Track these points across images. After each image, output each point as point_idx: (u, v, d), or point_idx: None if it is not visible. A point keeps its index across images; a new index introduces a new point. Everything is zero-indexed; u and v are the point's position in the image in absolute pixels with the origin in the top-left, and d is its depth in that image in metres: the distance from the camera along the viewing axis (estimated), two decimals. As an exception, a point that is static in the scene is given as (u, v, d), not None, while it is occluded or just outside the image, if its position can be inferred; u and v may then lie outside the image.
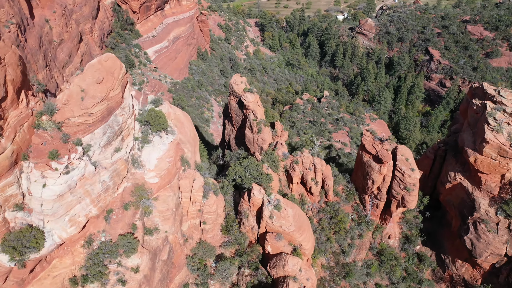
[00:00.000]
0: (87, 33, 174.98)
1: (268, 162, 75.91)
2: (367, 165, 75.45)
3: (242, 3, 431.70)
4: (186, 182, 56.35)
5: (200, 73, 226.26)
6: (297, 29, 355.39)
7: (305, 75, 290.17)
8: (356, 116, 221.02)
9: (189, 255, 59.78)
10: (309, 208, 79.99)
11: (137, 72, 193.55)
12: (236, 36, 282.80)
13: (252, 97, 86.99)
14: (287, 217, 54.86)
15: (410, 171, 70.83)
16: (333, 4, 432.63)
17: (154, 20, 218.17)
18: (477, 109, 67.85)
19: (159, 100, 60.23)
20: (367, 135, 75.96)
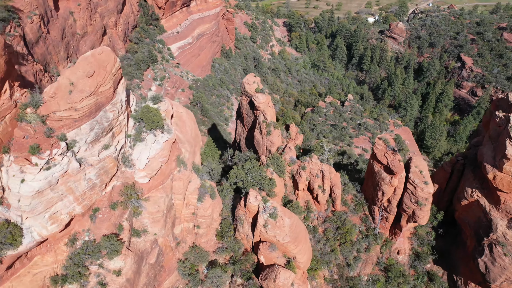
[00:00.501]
0: (111, 27, 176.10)
1: (273, 167, 72.91)
2: (378, 175, 71.32)
3: (271, 3, 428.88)
4: (180, 183, 54.05)
5: (223, 71, 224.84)
6: (326, 30, 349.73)
7: (331, 77, 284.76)
8: (380, 122, 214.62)
9: (181, 259, 57.51)
10: (314, 217, 76.52)
11: (159, 67, 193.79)
12: (262, 35, 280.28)
13: (263, 98, 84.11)
14: (283, 227, 51.77)
15: (423, 185, 66.34)
16: (364, 6, 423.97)
17: (179, 16, 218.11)
18: (499, 122, 62.74)
19: (158, 97, 58.15)
20: (379, 144, 71.79)
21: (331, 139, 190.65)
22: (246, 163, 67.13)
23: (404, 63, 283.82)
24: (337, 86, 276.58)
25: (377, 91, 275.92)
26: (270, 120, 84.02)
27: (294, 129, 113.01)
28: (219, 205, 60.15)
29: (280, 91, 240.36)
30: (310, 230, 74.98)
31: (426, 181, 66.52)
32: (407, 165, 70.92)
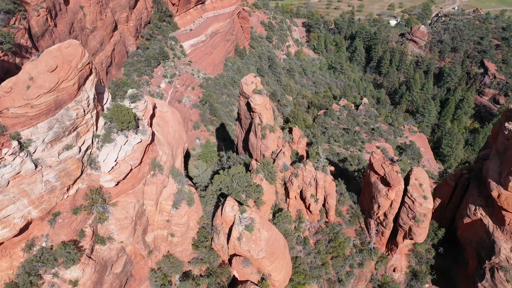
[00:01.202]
0: (122, 22, 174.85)
1: (264, 172, 68.91)
2: (374, 186, 66.46)
3: (291, 2, 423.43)
4: (153, 188, 50.67)
5: (235, 70, 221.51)
6: (345, 32, 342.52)
7: (347, 80, 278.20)
8: (395, 128, 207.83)
9: (154, 269, 54.13)
10: (306, 227, 72.15)
11: (170, 64, 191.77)
12: (278, 35, 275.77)
13: (260, 100, 79.98)
14: (259, 241, 47.76)
15: (422, 199, 61.21)
16: (386, 8, 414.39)
17: (193, 14, 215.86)
18: (508, 135, 57.10)
19: (136, 95, 54.97)
20: (377, 153, 66.85)
21: (342, 143, 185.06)
22: (231, 168, 63.31)
23: (424, 68, 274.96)
24: (353, 89, 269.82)
25: (394, 95, 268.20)
26: (266, 123, 79.91)
27: (297, 132, 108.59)
28: (197, 212, 56.53)
29: (293, 92, 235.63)
30: (300, 241, 70.70)
31: (426, 196, 61.35)
32: (407, 177, 65.84)
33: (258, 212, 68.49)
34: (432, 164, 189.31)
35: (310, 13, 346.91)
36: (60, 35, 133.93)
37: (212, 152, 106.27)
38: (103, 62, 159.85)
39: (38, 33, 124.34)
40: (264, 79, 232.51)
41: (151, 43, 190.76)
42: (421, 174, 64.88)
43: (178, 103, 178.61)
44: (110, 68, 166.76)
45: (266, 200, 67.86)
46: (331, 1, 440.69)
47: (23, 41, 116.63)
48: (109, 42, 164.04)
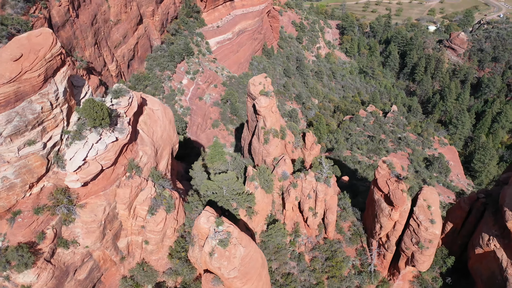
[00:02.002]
0: (148, 16, 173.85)
1: (259, 180, 64.31)
2: (377, 204, 60.51)
3: (327, 4, 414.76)
4: (126, 191, 47.11)
5: (261, 70, 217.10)
6: (380, 36, 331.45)
7: (378, 85, 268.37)
8: (424, 138, 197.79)
9: (126, 276, 50.64)
10: (302, 242, 66.92)
11: (194, 61, 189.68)
12: (309, 36, 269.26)
13: (266, 102, 75.39)
14: (232, 258, 43.27)
15: (429, 223, 54.86)
16: (426, 13, 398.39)
17: (221, 11, 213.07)
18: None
19: (121, 91, 51.49)
20: (383, 168, 60.78)
21: (365, 151, 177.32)
22: (220, 174, 59.01)
23: (461, 77, 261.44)
24: (384, 95, 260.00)
25: (427, 104, 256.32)
26: (269, 127, 75.29)
27: (311, 138, 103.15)
28: (177, 219, 52.60)
29: (319, 95, 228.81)
30: (295, 256, 65.62)
31: (433, 220, 54.93)
32: (415, 196, 59.52)
33: (250, 223, 64.01)
34: (461, 179, 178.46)
35: (345, 15, 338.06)
36: (81, 26, 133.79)
37: (220, 153, 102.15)
38: (125, 55, 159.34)
39: (59, 23, 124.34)
40: (290, 80, 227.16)
41: (177, 38, 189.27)
42: (431, 195, 58.39)
43: (199, 100, 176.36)
44: (132, 61, 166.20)
45: (259, 210, 63.23)
46: (369, 3, 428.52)
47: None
48: (133, 36, 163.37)
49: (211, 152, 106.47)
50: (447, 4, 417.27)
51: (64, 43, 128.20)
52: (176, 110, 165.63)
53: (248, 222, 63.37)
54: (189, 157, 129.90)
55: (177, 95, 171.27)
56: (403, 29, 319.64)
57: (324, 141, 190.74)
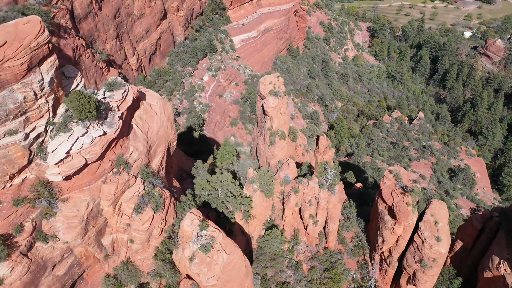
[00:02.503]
0: (172, 12, 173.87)
1: (259, 183, 61.77)
2: (381, 217, 56.85)
3: (359, 5, 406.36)
4: (111, 187, 45.55)
5: (284, 70, 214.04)
6: (412, 40, 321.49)
7: (406, 91, 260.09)
8: (450, 148, 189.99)
9: (109, 275, 49.19)
10: (301, 251, 63.93)
11: (217, 58, 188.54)
12: (337, 37, 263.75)
13: (274, 102, 72.66)
14: (214, 265, 40.93)
15: (434, 240, 50.93)
16: (462, 18, 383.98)
17: (248, 8, 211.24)
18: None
19: (116, 83, 50.01)
20: (388, 178, 57.02)
21: (386, 158, 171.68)
22: (216, 175, 56.81)
23: (495, 86, 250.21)
24: (411, 101, 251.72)
25: (457, 112, 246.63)
26: (276, 129, 72.59)
27: (324, 142, 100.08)
28: (166, 219, 50.70)
29: (344, 98, 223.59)
30: (292, 265, 62.74)
31: (439, 237, 50.93)
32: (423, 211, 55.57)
33: (246, 227, 61.59)
34: (487, 193, 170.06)
35: (376, 18, 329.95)
36: (103, 18, 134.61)
37: (230, 153, 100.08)
38: (147, 50, 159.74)
39: (81, 15, 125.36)
40: (314, 81, 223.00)
41: (200, 34, 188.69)
42: (440, 210, 54.27)
43: (218, 97, 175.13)
44: (154, 56, 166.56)
45: (256, 214, 60.68)
46: (402, 6, 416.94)
47: (63, 21, 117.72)
48: (156, 30, 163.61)
49: (221, 151, 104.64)
50: (485, 10, 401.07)
51: (86, 35, 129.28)
52: (194, 106, 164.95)
53: (244, 226, 60.95)
54: (202, 154, 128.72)
55: (196, 92, 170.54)
56: (437, 34, 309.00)
57: (344, 146, 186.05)
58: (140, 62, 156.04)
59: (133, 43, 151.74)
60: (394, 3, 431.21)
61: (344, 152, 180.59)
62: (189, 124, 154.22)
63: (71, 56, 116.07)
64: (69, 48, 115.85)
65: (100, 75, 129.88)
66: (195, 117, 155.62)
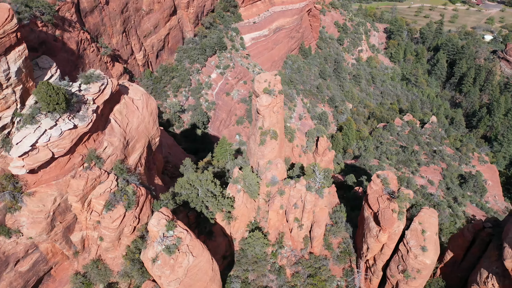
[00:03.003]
0: (182, 8, 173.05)
1: (243, 183, 59.94)
2: (366, 223, 54.32)
3: (377, 6, 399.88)
4: (80, 183, 44.28)
5: (295, 69, 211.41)
6: (430, 42, 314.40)
7: (420, 94, 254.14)
8: (462, 154, 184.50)
9: (79, 272, 48.03)
10: (285, 255, 61.79)
11: (226, 55, 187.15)
12: (351, 38, 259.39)
13: (267, 101, 70.49)
14: (177, 268, 39.24)
15: (419, 250, 48.22)
16: (484, 21, 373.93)
17: (260, 6, 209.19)
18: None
19: (93, 76, 48.74)
20: (376, 183, 54.40)
21: (394, 162, 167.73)
22: (195, 173, 55.12)
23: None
24: (425, 104, 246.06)
25: (472, 117, 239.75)
26: (267, 128, 70.44)
27: (324, 143, 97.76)
28: (138, 218, 49.20)
29: (354, 100, 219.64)
30: (275, 269, 60.69)
31: (425, 247, 48.16)
32: (410, 218, 52.84)
33: (228, 228, 59.82)
34: (498, 201, 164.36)
35: (394, 19, 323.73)
36: (110, 13, 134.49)
37: (227, 151, 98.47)
38: (154, 45, 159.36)
39: (87, 9, 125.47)
40: (325, 82, 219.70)
41: (211, 32, 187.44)
42: (429, 219, 51.45)
43: (226, 95, 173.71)
44: (162, 52, 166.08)
45: (239, 215, 58.83)
46: (422, 8, 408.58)
47: (68, 14, 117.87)
48: (164, 26, 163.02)
49: (217, 149, 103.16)
50: (508, 13, 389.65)
51: (91, 29, 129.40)
52: (200, 103, 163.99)
53: (226, 227, 59.17)
54: (203, 152, 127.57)
55: (203, 89, 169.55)
56: (455, 37, 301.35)
57: (352, 148, 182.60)
58: (146, 58, 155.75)
59: (140, 38, 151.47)
60: (413, 5, 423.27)
61: (352, 155, 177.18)
62: (194, 121, 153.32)
63: (75, 49, 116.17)
64: (73, 41, 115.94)
65: (105, 70, 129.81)
66: (199, 114, 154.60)
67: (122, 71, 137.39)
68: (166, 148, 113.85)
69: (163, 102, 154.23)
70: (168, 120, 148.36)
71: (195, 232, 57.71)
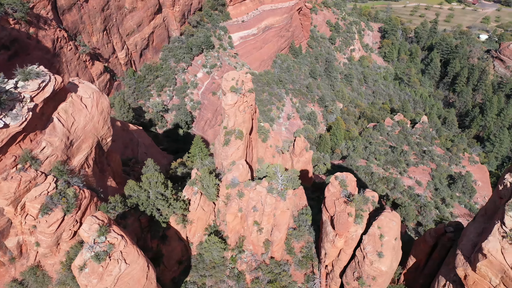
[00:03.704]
0: (168, 6, 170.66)
1: (200, 185, 57.51)
2: (324, 227, 51.82)
3: (372, 5, 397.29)
4: (12, 185, 41.83)
5: (284, 69, 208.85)
6: (424, 42, 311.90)
7: (413, 94, 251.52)
8: (452, 154, 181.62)
9: (16, 279, 45.55)
10: (245, 260, 59.28)
11: (213, 55, 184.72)
12: (343, 37, 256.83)
13: (233, 99, 68.01)
14: (106, 276, 36.81)
15: (375, 256, 45.68)
16: (480, 21, 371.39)
17: (249, 5, 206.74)
18: (503, 191, 39.57)
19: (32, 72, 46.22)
20: (334, 185, 51.82)
21: (382, 162, 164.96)
22: (145, 175, 52.61)
23: (506, 91, 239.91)
24: (418, 104, 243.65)
25: (465, 117, 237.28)
26: (232, 128, 68.04)
27: (301, 143, 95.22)
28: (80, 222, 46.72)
29: (345, 99, 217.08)
30: (234, 275, 58.18)
31: (381, 253, 45.61)
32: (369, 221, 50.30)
33: (183, 232, 57.35)
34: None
35: (388, 18, 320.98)
36: (90, 10, 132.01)
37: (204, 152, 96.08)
38: (138, 44, 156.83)
39: (64, 6, 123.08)
40: (316, 81, 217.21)
41: (198, 30, 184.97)
42: (389, 223, 48.84)
43: (212, 95, 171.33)
44: (146, 50, 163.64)
45: (195, 218, 56.39)
46: (418, 8, 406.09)
47: (44, 12, 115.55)
48: (148, 25, 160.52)
49: (192, 149, 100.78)
50: (505, 13, 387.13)
51: (69, 27, 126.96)
52: (185, 103, 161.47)
53: (181, 231, 56.68)
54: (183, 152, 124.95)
55: (189, 88, 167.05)
56: (450, 36, 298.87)
57: (340, 148, 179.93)
58: (129, 57, 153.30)
59: (123, 37, 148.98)
60: (409, 4, 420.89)
61: (340, 155, 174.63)
62: (177, 121, 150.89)
63: (50, 47, 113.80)
64: (48, 39, 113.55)
65: (83, 68, 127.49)
66: (183, 114, 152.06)
67: (103, 70, 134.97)
68: (143, 148, 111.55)
69: (146, 102, 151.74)
70: (151, 119, 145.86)
71: (147, 237, 55.42)
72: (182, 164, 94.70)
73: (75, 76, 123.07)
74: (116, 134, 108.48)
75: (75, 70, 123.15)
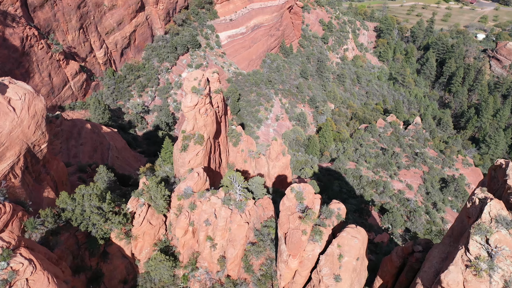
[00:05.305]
0: (151, 4, 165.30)
1: (148, 196, 51.96)
2: (279, 244, 46.21)
3: (369, 4, 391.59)
4: None
5: (274, 69, 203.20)
6: (420, 41, 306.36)
7: (407, 94, 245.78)
8: (445, 156, 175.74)
9: None
10: (198, 278, 53.72)
11: (200, 54, 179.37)
12: (336, 36, 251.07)
13: (192, 101, 62.56)
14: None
15: (332, 280, 40.15)
16: (477, 20, 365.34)
17: (237, 3, 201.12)
18: (471, 209, 33.99)
19: None
20: (289, 198, 46.08)
21: (372, 165, 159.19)
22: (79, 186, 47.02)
23: (503, 91, 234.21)
24: (413, 105, 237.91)
25: (460, 118, 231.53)
26: (191, 132, 62.63)
27: (277, 147, 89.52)
28: None
29: (337, 100, 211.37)
30: (186, 295, 52.65)
31: (339, 276, 40.09)
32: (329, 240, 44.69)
33: (127, 248, 51.75)
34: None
35: (384, 17, 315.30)
36: (64, 8, 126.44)
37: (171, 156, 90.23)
38: (118, 43, 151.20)
39: (36, 3, 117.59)
40: (306, 82, 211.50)
41: (184, 29, 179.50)
42: (351, 240, 43.22)
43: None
44: (127, 50, 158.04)
45: (140, 233, 50.82)
46: (415, 7, 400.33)
47: (12, 9, 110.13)
48: (130, 23, 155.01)
49: (162, 153, 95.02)
50: (502, 12, 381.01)
51: (41, 24, 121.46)
52: (168, 104, 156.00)
53: (125, 247, 51.14)
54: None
55: (172, 89, 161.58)
56: (446, 36, 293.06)
57: (330, 150, 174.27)
58: (109, 56, 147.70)
59: (102, 35, 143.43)
60: (406, 3, 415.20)
61: (328, 157, 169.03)
62: (158, 122, 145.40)
63: (18, 46, 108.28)
64: (16, 37, 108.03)
65: (57, 68, 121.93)
66: (165, 115, 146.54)
67: (78, 69, 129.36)
68: (114, 151, 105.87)
69: (126, 103, 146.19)
70: (130, 121, 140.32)
71: (85, 254, 49.80)
72: (150, 169, 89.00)
73: (46, 75, 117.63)
74: (85, 137, 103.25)
75: (47, 70, 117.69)
